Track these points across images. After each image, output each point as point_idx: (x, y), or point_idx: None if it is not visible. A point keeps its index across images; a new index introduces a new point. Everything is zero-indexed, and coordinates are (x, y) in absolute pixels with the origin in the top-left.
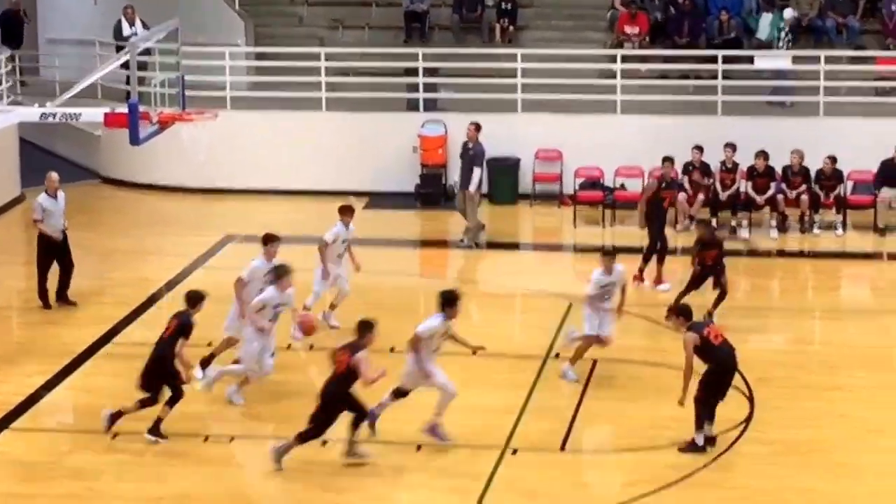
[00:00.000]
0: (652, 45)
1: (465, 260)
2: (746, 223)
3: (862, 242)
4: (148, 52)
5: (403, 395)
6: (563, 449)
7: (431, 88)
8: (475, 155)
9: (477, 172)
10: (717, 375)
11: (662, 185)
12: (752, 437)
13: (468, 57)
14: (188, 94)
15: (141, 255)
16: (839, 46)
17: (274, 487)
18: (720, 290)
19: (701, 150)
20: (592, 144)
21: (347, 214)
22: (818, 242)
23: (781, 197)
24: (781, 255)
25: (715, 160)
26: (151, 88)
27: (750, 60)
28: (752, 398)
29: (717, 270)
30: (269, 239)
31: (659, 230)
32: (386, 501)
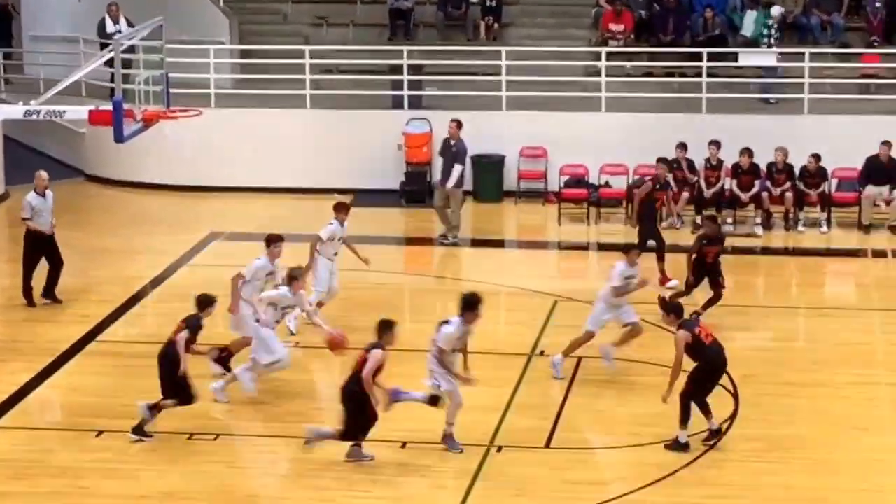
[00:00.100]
0: (637, 42)
1: (449, 257)
2: (731, 220)
3: (846, 239)
4: (132, 49)
5: (435, 402)
6: (548, 446)
7: (416, 86)
8: (458, 152)
9: (458, 169)
10: (705, 373)
11: (657, 185)
12: (736, 433)
13: (453, 54)
14: (173, 91)
15: (125, 253)
16: (824, 44)
17: (259, 485)
18: (716, 291)
19: (685, 147)
20: (577, 142)
21: (343, 212)
22: (803, 239)
23: (766, 194)
24: (766, 252)
25: (700, 157)
26: (136, 86)
27: (735, 58)
28: (736, 395)
29: (715, 269)
30: (272, 240)
31: (652, 229)
32: (371, 498)
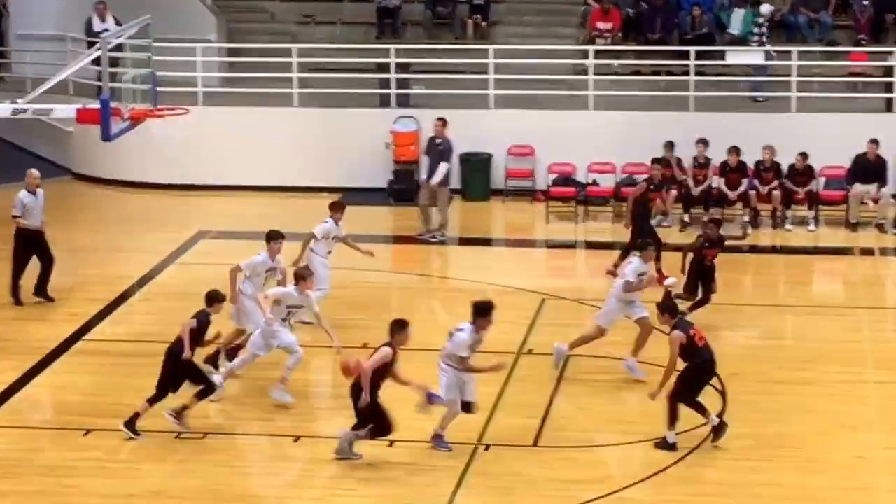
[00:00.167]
0: (624, 40)
1: (437, 255)
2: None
3: (834, 238)
4: (120, 48)
5: (468, 408)
6: (535, 444)
7: (404, 84)
8: (444, 150)
9: (444, 167)
10: (695, 375)
11: (651, 186)
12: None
13: (441, 53)
14: (160, 90)
15: (113, 251)
16: (811, 42)
17: (247, 483)
18: (705, 295)
19: (672, 145)
20: (565, 140)
21: (338, 211)
22: (790, 238)
23: (753, 192)
24: (754, 250)
25: (687, 156)
26: (123, 84)
27: (722, 56)
28: (724, 393)
29: (712, 272)
30: (272, 236)
31: (646, 228)
32: (358, 497)
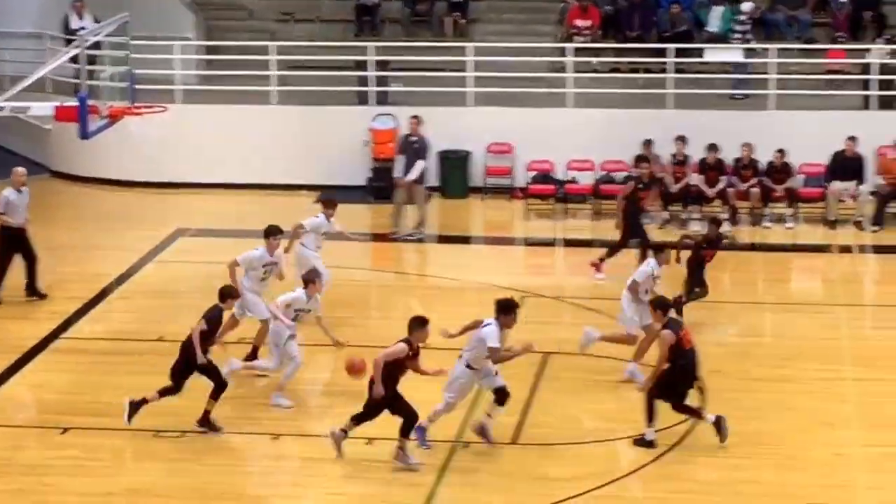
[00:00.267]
0: (603, 38)
1: (416, 253)
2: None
3: (812, 235)
4: (97, 45)
5: (501, 400)
6: (514, 442)
7: (382, 82)
8: (420, 147)
9: (420, 164)
10: (675, 377)
11: (640, 185)
12: (704, 429)
13: (419, 50)
14: (138, 87)
15: (91, 249)
16: (790, 40)
17: (227, 482)
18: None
19: (650, 143)
20: (544, 138)
21: (330, 207)
22: (769, 235)
23: (732, 190)
24: (732, 247)
25: (666, 153)
26: (101, 82)
27: (700, 54)
28: (703, 391)
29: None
30: (271, 231)
31: (636, 227)
32: (339, 495)
